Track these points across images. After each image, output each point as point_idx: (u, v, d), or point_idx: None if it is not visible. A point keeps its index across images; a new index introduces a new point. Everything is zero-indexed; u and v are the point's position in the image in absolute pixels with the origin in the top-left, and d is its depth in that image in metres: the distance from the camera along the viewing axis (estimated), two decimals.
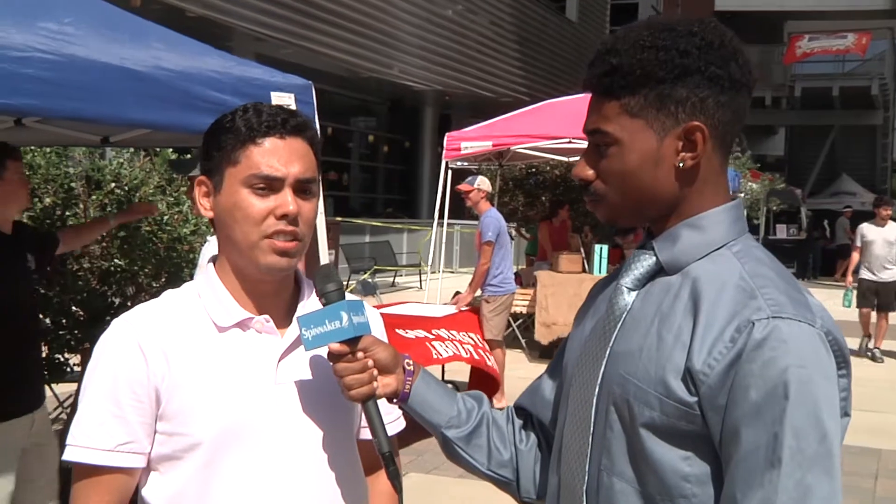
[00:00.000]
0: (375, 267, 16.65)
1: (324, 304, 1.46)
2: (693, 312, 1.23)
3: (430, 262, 10.17)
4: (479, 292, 7.61)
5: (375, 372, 1.45)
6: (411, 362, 1.51)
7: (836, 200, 27.03)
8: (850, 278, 11.16)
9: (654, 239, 1.34)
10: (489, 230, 7.44)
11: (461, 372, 8.06)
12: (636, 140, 1.29)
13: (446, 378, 8.03)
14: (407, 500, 1.64)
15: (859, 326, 10.84)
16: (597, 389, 1.31)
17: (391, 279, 17.43)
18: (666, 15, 1.38)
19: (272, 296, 1.55)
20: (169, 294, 1.57)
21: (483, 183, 7.70)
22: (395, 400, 1.50)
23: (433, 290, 10.49)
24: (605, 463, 1.29)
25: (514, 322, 9.46)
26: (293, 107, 3.78)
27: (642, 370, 1.25)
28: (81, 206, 5.07)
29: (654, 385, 1.23)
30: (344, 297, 1.47)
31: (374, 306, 8.72)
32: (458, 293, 8.10)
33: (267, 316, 1.53)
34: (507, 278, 7.63)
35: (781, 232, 23.89)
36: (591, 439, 1.31)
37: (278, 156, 1.47)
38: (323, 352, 1.47)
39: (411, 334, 6.29)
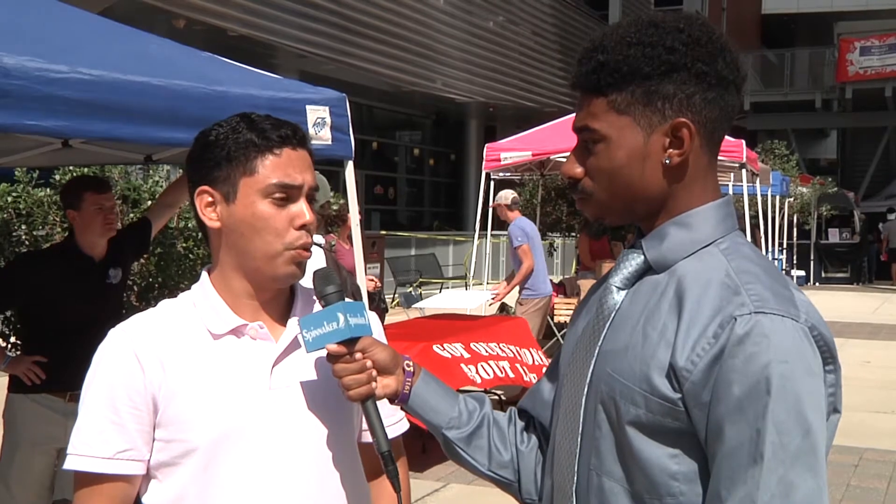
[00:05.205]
0: (421, 279, 16.69)
1: (323, 307, 1.49)
2: (678, 310, 1.23)
3: (471, 274, 10.20)
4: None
5: (375, 373, 1.47)
6: (411, 363, 1.52)
7: (892, 203, 26.39)
8: None
9: (643, 237, 1.34)
10: (517, 237, 8.04)
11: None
12: (623, 137, 1.29)
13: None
14: None
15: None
16: (586, 389, 1.31)
17: (437, 291, 17.45)
18: (655, 11, 1.38)
19: (268, 303, 1.57)
20: (165, 303, 1.60)
21: (501, 197, 8.32)
22: (395, 401, 1.51)
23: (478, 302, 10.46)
24: (595, 462, 1.29)
25: (559, 331, 9.47)
26: (328, 120, 3.82)
27: (628, 368, 1.25)
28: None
29: (639, 382, 1.22)
30: (343, 299, 1.49)
31: (415, 319, 8.83)
32: (504, 305, 8.36)
33: (261, 322, 1.55)
34: (538, 282, 8.17)
35: (834, 236, 23.38)
36: (580, 439, 1.31)
37: (293, 166, 1.51)
38: (322, 354, 1.48)
39: (447, 352, 6.25)
